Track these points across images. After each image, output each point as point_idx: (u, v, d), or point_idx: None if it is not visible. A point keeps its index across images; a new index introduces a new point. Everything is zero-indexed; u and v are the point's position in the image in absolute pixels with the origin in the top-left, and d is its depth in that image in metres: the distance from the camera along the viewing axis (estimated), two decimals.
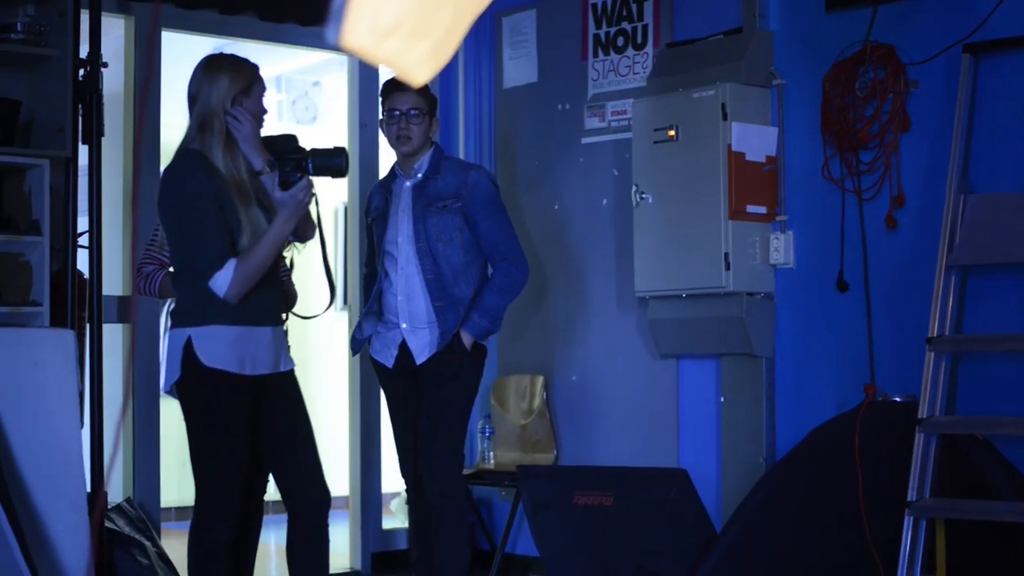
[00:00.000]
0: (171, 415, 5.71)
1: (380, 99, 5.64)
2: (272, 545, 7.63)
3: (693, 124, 6.02)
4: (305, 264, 5.11)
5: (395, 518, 7.98)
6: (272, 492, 5.00)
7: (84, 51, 6.11)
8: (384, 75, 7.41)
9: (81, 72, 6.06)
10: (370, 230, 5.73)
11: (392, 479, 7.23)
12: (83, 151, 6.10)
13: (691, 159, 6.01)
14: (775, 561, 5.45)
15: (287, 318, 4.88)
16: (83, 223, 6.17)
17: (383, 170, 6.80)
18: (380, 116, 5.63)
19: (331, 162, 4.54)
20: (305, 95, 9.98)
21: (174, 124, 4.94)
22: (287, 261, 4.99)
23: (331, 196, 9.14)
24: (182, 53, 7.23)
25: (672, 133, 6.08)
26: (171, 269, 4.88)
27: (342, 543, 7.13)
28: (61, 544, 5.39)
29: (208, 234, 4.45)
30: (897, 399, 5.47)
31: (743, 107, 5.97)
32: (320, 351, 9.17)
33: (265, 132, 4.69)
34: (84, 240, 6.15)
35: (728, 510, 5.94)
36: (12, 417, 5.32)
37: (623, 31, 6.71)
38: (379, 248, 5.58)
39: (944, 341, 5.22)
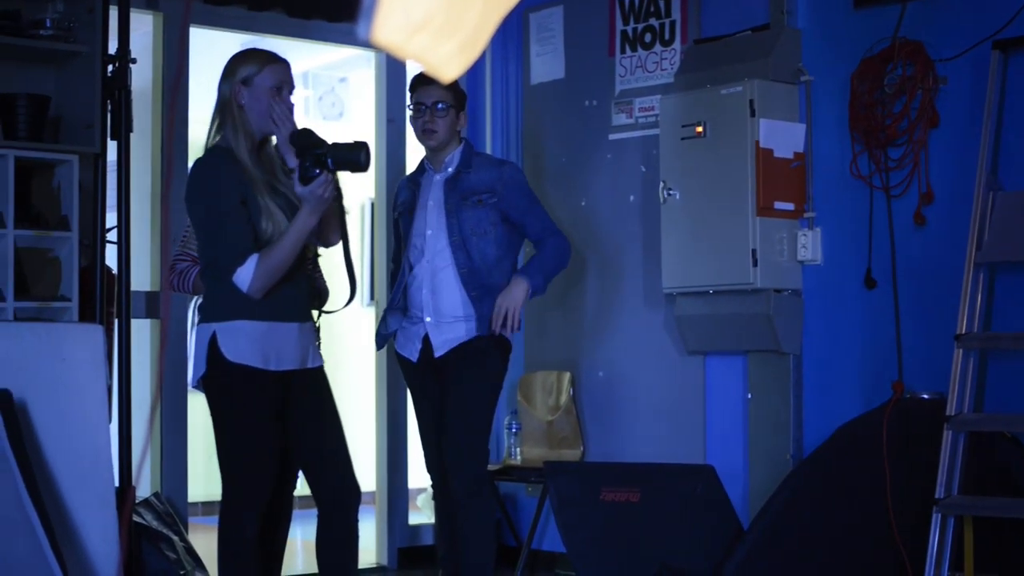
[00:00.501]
0: (198, 410, 5.73)
1: (408, 93, 5.65)
2: (299, 540, 7.65)
3: (721, 120, 6.01)
4: (332, 259, 5.11)
5: (421, 513, 7.99)
6: (300, 487, 5.01)
7: (113, 47, 6.13)
8: (412, 71, 7.44)
9: (110, 68, 6.08)
10: (396, 224, 5.74)
11: (418, 474, 7.23)
12: (112, 147, 6.13)
13: (719, 155, 6.00)
14: (802, 558, 5.44)
15: (319, 315, 4.87)
16: (111, 219, 6.19)
17: (410, 166, 6.81)
18: (409, 112, 5.64)
19: (350, 156, 4.48)
20: (332, 91, 9.99)
21: (202, 120, 4.95)
22: (311, 254, 4.98)
23: (358, 192, 9.15)
24: (210, 49, 7.26)
25: (700, 129, 6.07)
26: None
27: (368, 538, 7.15)
28: (89, 539, 5.42)
29: (230, 229, 4.45)
30: (925, 396, 5.46)
31: (771, 103, 5.96)
32: (346, 347, 9.19)
33: None
34: (112, 236, 6.18)
35: (755, 507, 5.94)
36: (41, 412, 5.34)
37: (651, 27, 6.70)
38: (405, 241, 5.58)
39: (972, 338, 5.21)
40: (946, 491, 5.05)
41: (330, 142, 4.54)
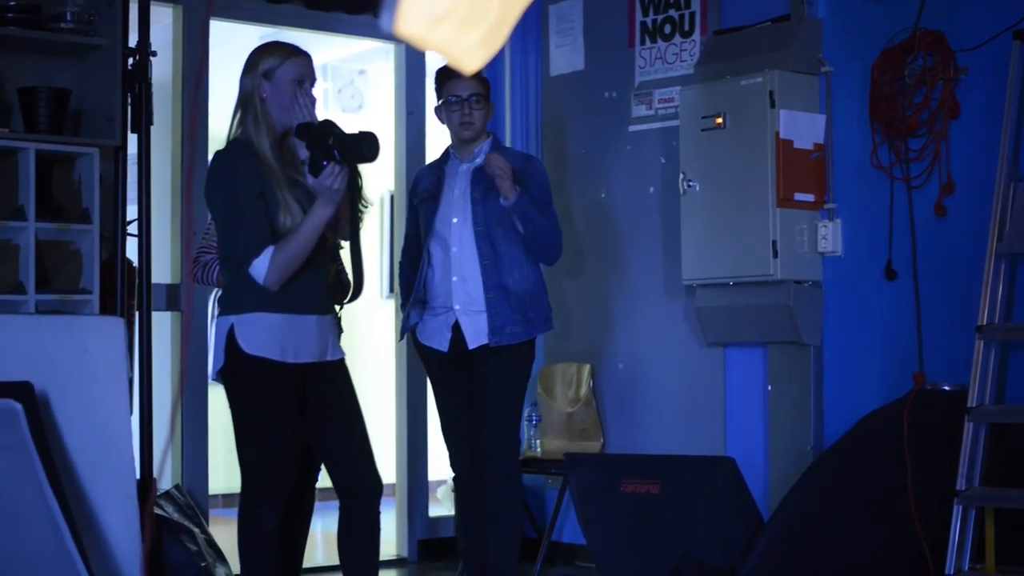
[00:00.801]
0: (219, 402, 5.75)
1: (436, 86, 5.63)
2: (319, 532, 7.66)
3: (741, 112, 6.00)
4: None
5: (441, 506, 8.00)
6: (321, 479, 5.01)
7: (133, 40, 6.14)
8: (431, 64, 7.43)
9: (130, 61, 6.09)
10: (414, 212, 5.73)
11: (438, 467, 7.24)
12: (132, 140, 6.14)
13: (739, 147, 6.00)
14: (823, 549, 5.44)
15: (341, 308, 4.85)
16: (132, 211, 6.20)
17: (430, 158, 6.81)
18: (437, 103, 5.62)
19: (355, 148, 4.44)
20: (351, 83, 10.01)
21: (221, 113, 4.95)
22: (329, 246, 4.96)
23: (377, 184, 9.15)
24: (229, 42, 7.27)
25: (719, 121, 6.06)
26: None
27: (389, 531, 7.14)
28: (111, 530, 5.44)
29: (247, 222, 4.45)
30: (946, 388, 5.45)
31: (791, 94, 5.95)
32: (366, 340, 9.19)
33: None
34: (133, 228, 6.19)
35: (775, 498, 5.93)
36: (62, 404, 5.36)
37: (670, 19, 6.69)
38: (428, 229, 5.57)
39: (994, 329, 5.19)
40: (967, 483, 5.04)
41: (343, 133, 4.51)
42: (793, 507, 5.50)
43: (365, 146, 4.42)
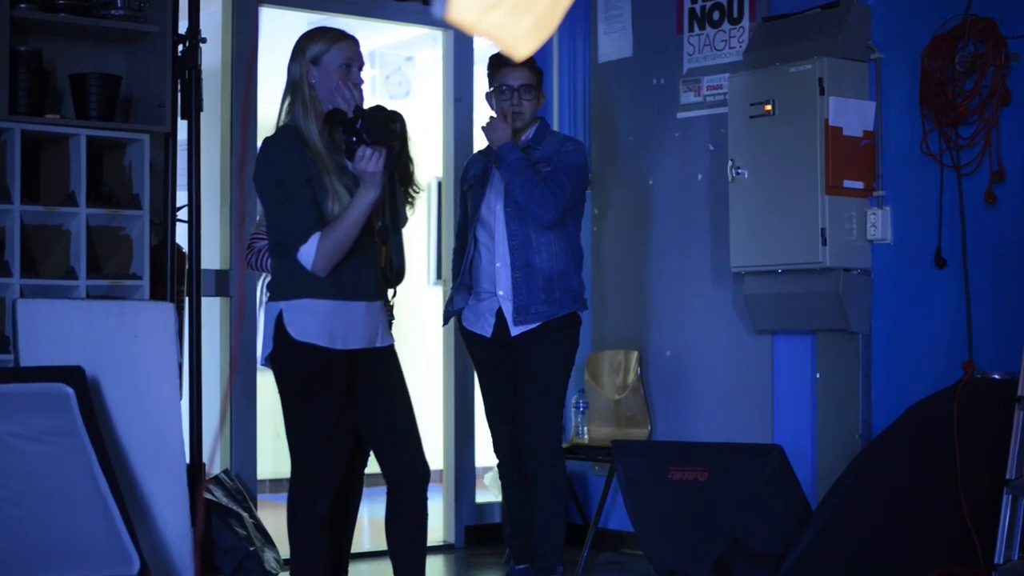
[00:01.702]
0: (267, 387, 5.78)
1: (488, 73, 5.65)
2: (367, 518, 7.69)
3: (790, 99, 5.98)
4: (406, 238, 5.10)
5: (488, 492, 8.01)
6: (369, 465, 5.03)
7: (183, 27, 6.17)
8: (479, 51, 7.44)
9: (180, 48, 6.13)
10: (464, 198, 5.75)
11: (485, 453, 7.26)
12: (182, 126, 6.18)
13: (788, 134, 5.98)
14: (870, 538, 5.42)
15: (395, 294, 4.84)
16: (182, 197, 6.24)
17: (477, 145, 6.81)
18: (488, 90, 5.64)
19: (382, 127, 4.42)
20: (398, 70, 10.01)
21: (268, 100, 4.96)
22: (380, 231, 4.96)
23: (425, 171, 9.15)
24: (277, 28, 7.29)
25: (768, 108, 6.04)
26: None
27: (436, 517, 7.15)
28: (161, 514, 5.48)
29: (295, 208, 4.46)
30: (996, 376, 5.42)
31: (840, 81, 5.92)
32: (413, 326, 9.21)
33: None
34: (183, 214, 6.23)
35: (823, 487, 5.92)
36: (112, 388, 5.41)
37: (719, 5, 6.67)
38: (474, 215, 5.59)
39: None
40: (1017, 472, 5.01)
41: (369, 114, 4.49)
42: (841, 495, 5.48)
43: (389, 125, 4.41)
